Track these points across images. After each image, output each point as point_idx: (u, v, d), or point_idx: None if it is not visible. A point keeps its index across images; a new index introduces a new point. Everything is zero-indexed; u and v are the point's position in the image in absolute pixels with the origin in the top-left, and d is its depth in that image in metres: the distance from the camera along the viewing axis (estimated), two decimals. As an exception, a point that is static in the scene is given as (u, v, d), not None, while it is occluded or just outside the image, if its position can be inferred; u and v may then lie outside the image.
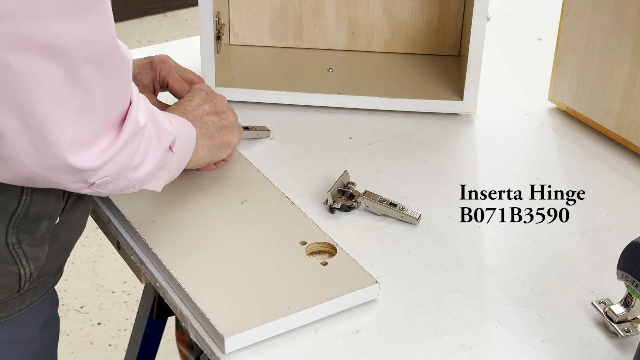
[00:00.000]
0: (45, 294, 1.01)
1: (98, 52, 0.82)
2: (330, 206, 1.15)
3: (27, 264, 0.94)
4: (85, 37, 0.80)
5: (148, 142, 0.93)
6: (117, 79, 0.86)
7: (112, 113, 0.87)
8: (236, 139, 1.16)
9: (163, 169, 1.00)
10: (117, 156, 0.88)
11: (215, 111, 1.14)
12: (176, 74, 1.23)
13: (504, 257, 1.09)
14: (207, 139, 1.12)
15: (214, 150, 1.13)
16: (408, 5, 1.45)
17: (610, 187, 1.23)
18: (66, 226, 0.99)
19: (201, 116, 1.12)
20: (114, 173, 0.90)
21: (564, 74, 1.37)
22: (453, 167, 1.27)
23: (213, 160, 1.15)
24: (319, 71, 1.44)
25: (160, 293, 1.04)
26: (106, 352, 2.22)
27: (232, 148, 1.16)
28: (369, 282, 1.00)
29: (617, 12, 1.26)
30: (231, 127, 1.15)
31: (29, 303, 0.99)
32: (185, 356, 1.61)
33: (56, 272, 1.03)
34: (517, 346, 0.96)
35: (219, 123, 1.13)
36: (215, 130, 1.13)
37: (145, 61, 1.23)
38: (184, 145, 1.04)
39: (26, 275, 0.95)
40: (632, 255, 0.92)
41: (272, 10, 1.47)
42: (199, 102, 1.14)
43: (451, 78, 1.42)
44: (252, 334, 0.94)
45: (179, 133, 1.02)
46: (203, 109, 1.13)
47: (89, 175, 0.87)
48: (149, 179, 0.98)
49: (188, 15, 3.96)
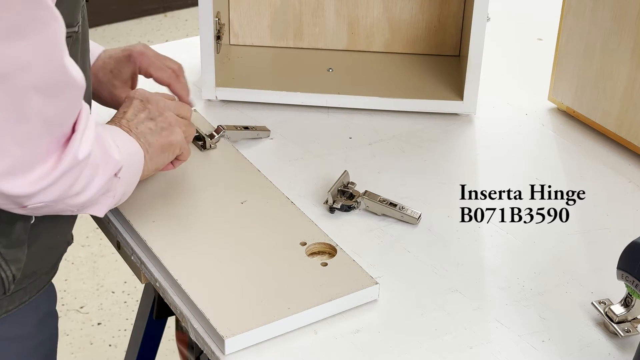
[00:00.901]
0: (37, 293, 1.01)
1: (40, 76, 0.81)
2: (330, 206, 1.15)
3: (7, 267, 0.94)
4: (25, 61, 0.79)
5: (92, 169, 0.92)
6: (61, 104, 0.84)
7: (52, 140, 0.85)
8: (178, 137, 1.09)
9: (107, 194, 0.97)
10: (54, 184, 0.87)
11: (151, 117, 1.09)
12: (158, 63, 1.22)
13: (504, 257, 1.09)
14: (146, 147, 1.07)
15: (157, 156, 1.08)
16: (408, 5, 1.45)
17: (610, 187, 1.23)
18: (46, 225, 0.98)
19: (136, 126, 1.07)
20: (51, 200, 0.88)
21: (564, 74, 1.37)
22: (453, 167, 1.27)
23: (160, 165, 1.10)
24: (319, 71, 1.44)
25: (160, 293, 1.04)
26: (106, 352, 2.22)
27: (178, 147, 1.10)
28: (369, 283, 1.00)
29: (617, 12, 1.26)
30: (169, 127, 1.09)
31: (19, 304, 0.99)
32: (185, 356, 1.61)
33: (49, 271, 1.03)
34: (517, 346, 0.96)
35: (156, 127, 1.08)
36: (153, 135, 1.07)
37: (123, 54, 1.21)
38: (132, 168, 1.02)
39: (8, 278, 0.95)
40: (632, 256, 0.92)
41: (272, 10, 1.47)
42: (134, 112, 1.09)
43: (451, 78, 1.42)
44: (252, 334, 0.94)
45: (128, 156, 1.00)
46: (138, 118, 1.08)
47: (23, 200, 0.86)
48: (90, 204, 0.96)
49: (188, 15, 3.95)
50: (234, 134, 1.28)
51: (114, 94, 1.20)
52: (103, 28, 3.78)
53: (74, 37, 0.94)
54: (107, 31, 3.79)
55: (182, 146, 1.11)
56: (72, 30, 0.93)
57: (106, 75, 1.20)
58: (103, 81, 1.19)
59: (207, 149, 1.24)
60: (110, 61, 1.20)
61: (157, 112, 1.09)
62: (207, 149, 1.24)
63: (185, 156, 1.13)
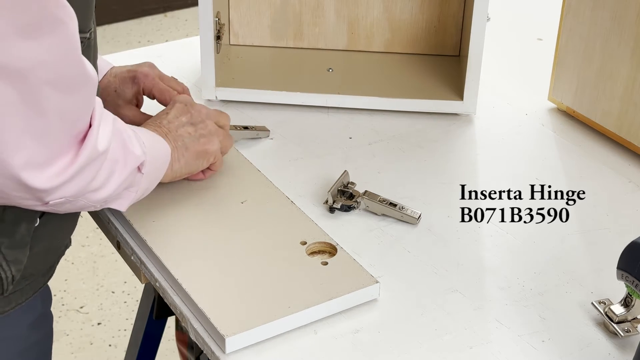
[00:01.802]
0: (32, 295, 1.01)
1: (56, 73, 0.81)
2: (330, 206, 1.15)
3: (7, 267, 0.94)
4: (42, 59, 0.80)
5: (112, 164, 0.93)
6: (77, 100, 0.85)
7: (69, 135, 0.86)
8: (215, 146, 1.12)
9: (129, 189, 0.99)
10: (74, 179, 0.88)
11: (192, 122, 1.12)
12: (161, 85, 1.22)
13: (504, 257, 1.09)
14: (182, 151, 1.09)
15: (191, 161, 1.11)
16: (408, 5, 1.45)
17: (610, 187, 1.23)
18: (49, 228, 0.98)
19: (176, 128, 1.10)
20: (71, 195, 0.89)
21: (564, 74, 1.37)
22: (453, 167, 1.27)
23: (193, 170, 1.12)
24: (319, 71, 1.44)
25: (160, 293, 1.04)
26: (106, 352, 2.22)
27: (213, 156, 1.13)
28: (369, 281, 1.00)
29: (617, 12, 1.26)
30: (209, 135, 1.12)
31: (15, 305, 0.99)
32: (185, 356, 1.61)
33: (45, 273, 1.03)
34: (517, 346, 0.96)
35: (195, 133, 1.11)
36: (191, 140, 1.10)
37: (128, 75, 1.22)
38: (156, 164, 1.04)
39: (8, 279, 0.95)
40: (632, 255, 0.92)
41: (272, 10, 1.47)
42: (176, 114, 1.12)
43: (451, 78, 1.42)
44: (253, 333, 0.94)
45: (151, 152, 1.01)
46: (179, 121, 1.11)
47: (43, 195, 0.87)
48: (112, 199, 0.97)
49: (188, 15, 3.95)
50: (233, 133, 1.28)
51: (119, 112, 1.21)
52: (103, 28, 3.78)
53: (85, 43, 0.95)
54: (107, 31, 3.79)
55: (216, 156, 1.13)
56: (84, 36, 0.94)
57: (110, 95, 1.21)
58: (107, 100, 1.20)
59: (207, 149, 1.24)
60: (115, 80, 1.21)
61: (199, 119, 1.12)
62: (207, 149, 1.24)
63: (217, 167, 1.16)
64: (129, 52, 1.57)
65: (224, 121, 1.17)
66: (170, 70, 1.47)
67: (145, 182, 1.01)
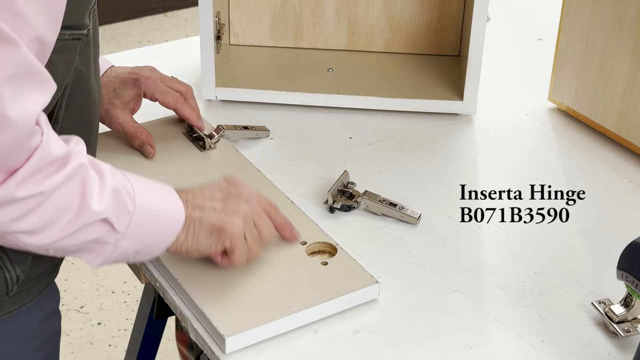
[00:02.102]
0: (38, 295, 1.01)
1: None
2: (330, 206, 1.15)
3: (12, 267, 0.94)
4: None
5: (58, 211, 0.86)
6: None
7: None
8: (235, 229, 0.97)
9: (103, 245, 0.91)
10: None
11: (224, 199, 0.99)
12: (163, 87, 1.22)
13: (504, 257, 1.09)
14: (196, 222, 0.96)
15: (202, 236, 0.97)
16: (408, 5, 1.45)
17: (610, 187, 1.23)
18: None
19: (204, 200, 0.98)
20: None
21: (564, 74, 1.37)
22: (453, 167, 1.27)
23: (202, 248, 0.98)
24: (319, 71, 1.44)
25: (160, 293, 1.04)
26: (106, 352, 2.22)
27: (229, 239, 0.97)
28: (369, 281, 1.00)
29: (617, 12, 1.26)
30: (232, 214, 0.97)
31: (20, 305, 0.99)
32: (185, 356, 1.61)
33: (50, 273, 1.03)
34: (517, 346, 0.96)
35: (219, 209, 0.98)
36: (210, 214, 0.97)
37: (129, 76, 1.21)
38: (150, 229, 0.93)
39: (12, 279, 0.95)
40: (632, 255, 0.92)
41: (272, 10, 1.47)
42: (213, 187, 1.01)
43: (451, 78, 1.42)
44: (253, 333, 0.94)
45: (146, 212, 0.92)
46: (212, 195, 0.99)
47: None
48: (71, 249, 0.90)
49: (188, 15, 3.95)
50: (233, 133, 1.28)
51: (111, 112, 1.20)
52: (103, 28, 3.78)
53: (83, 40, 0.94)
54: (107, 31, 3.78)
55: (234, 241, 0.98)
56: (81, 32, 0.93)
57: (108, 93, 1.20)
58: (103, 98, 1.20)
59: (207, 149, 1.24)
60: (115, 80, 1.21)
61: (235, 198, 0.99)
62: (207, 149, 1.24)
63: (237, 257, 0.99)
64: (129, 52, 1.57)
65: (268, 207, 1.03)
66: (170, 70, 1.47)
67: (128, 242, 0.92)
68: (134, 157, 1.21)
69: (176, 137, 1.27)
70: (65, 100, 0.96)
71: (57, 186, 0.85)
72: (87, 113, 1.01)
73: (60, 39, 0.89)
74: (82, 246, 0.90)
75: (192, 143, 1.25)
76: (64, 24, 0.87)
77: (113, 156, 1.21)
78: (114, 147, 1.23)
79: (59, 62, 0.91)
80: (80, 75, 0.97)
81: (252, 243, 0.99)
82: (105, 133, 1.25)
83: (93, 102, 1.02)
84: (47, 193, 0.84)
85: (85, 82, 0.99)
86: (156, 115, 1.30)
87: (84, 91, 0.99)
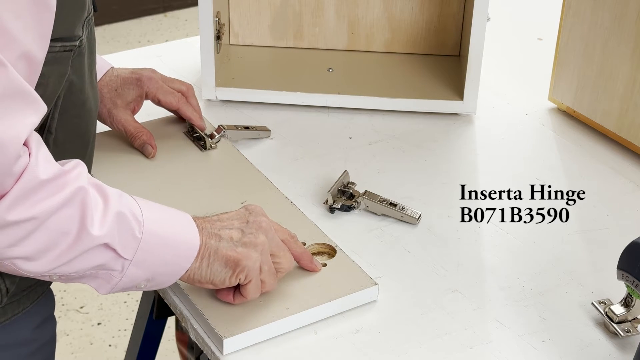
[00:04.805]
0: (30, 305, 1.00)
1: None
2: (330, 206, 1.15)
3: (1, 279, 0.94)
4: None
5: (55, 236, 0.84)
6: None
7: None
8: (250, 262, 0.93)
9: (108, 272, 0.88)
10: None
11: (242, 229, 0.95)
12: (165, 87, 1.22)
13: (504, 257, 1.09)
14: (211, 252, 0.93)
15: (216, 267, 0.93)
16: (408, 5, 1.45)
17: (610, 187, 1.23)
18: None
19: (221, 228, 0.95)
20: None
21: (564, 74, 1.37)
22: (453, 167, 1.27)
23: (216, 279, 0.94)
24: (319, 71, 1.44)
25: (160, 293, 1.04)
26: (106, 352, 2.22)
27: (245, 273, 0.94)
28: (368, 283, 1.00)
29: (617, 12, 1.26)
30: (249, 247, 0.94)
31: (11, 315, 0.98)
32: (185, 356, 1.62)
33: (43, 282, 1.01)
34: (517, 346, 0.96)
35: (237, 240, 0.94)
36: (226, 244, 0.93)
37: (131, 76, 1.21)
38: (160, 256, 0.90)
39: (2, 291, 0.94)
40: (632, 255, 0.92)
41: (272, 10, 1.47)
42: (232, 216, 0.97)
43: (451, 78, 1.42)
44: (251, 335, 0.94)
45: (156, 240, 0.89)
46: (230, 223, 0.96)
47: None
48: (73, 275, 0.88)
49: (188, 15, 3.96)
50: (234, 134, 1.28)
51: (112, 112, 1.20)
52: (103, 28, 3.78)
53: (75, 51, 0.93)
54: (107, 31, 3.79)
55: (249, 275, 0.94)
56: (72, 44, 0.92)
57: (110, 93, 1.20)
58: (105, 97, 1.19)
59: (207, 149, 1.24)
60: (117, 80, 1.21)
61: (253, 228, 0.96)
62: (208, 149, 1.24)
63: (250, 292, 0.95)
64: (128, 52, 1.57)
65: (287, 238, 1.00)
66: (170, 70, 1.47)
67: (138, 270, 0.89)
68: (135, 157, 1.21)
69: (177, 137, 1.27)
70: (57, 111, 0.95)
71: (53, 210, 0.82)
72: (82, 123, 1.00)
73: (51, 52, 0.87)
74: (86, 272, 0.88)
75: (193, 143, 1.25)
76: (54, 36, 0.85)
77: (113, 156, 1.21)
78: (114, 146, 1.23)
79: (49, 75, 0.89)
80: (73, 86, 0.96)
81: (267, 277, 0.96)
82: (105, 133, 1.25)
83: (88, 112, 1.01)
84: (41, 218, 0.82)
85: (79, 93, 0.98)
86: (156, 115, 1.30)
87: (78, 102, 0.98)
